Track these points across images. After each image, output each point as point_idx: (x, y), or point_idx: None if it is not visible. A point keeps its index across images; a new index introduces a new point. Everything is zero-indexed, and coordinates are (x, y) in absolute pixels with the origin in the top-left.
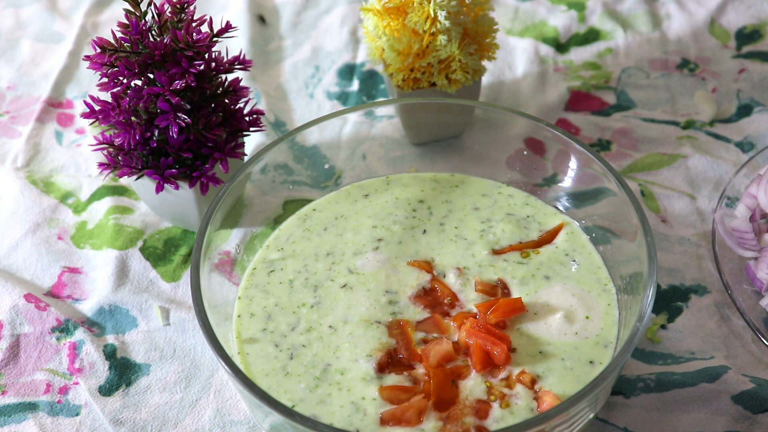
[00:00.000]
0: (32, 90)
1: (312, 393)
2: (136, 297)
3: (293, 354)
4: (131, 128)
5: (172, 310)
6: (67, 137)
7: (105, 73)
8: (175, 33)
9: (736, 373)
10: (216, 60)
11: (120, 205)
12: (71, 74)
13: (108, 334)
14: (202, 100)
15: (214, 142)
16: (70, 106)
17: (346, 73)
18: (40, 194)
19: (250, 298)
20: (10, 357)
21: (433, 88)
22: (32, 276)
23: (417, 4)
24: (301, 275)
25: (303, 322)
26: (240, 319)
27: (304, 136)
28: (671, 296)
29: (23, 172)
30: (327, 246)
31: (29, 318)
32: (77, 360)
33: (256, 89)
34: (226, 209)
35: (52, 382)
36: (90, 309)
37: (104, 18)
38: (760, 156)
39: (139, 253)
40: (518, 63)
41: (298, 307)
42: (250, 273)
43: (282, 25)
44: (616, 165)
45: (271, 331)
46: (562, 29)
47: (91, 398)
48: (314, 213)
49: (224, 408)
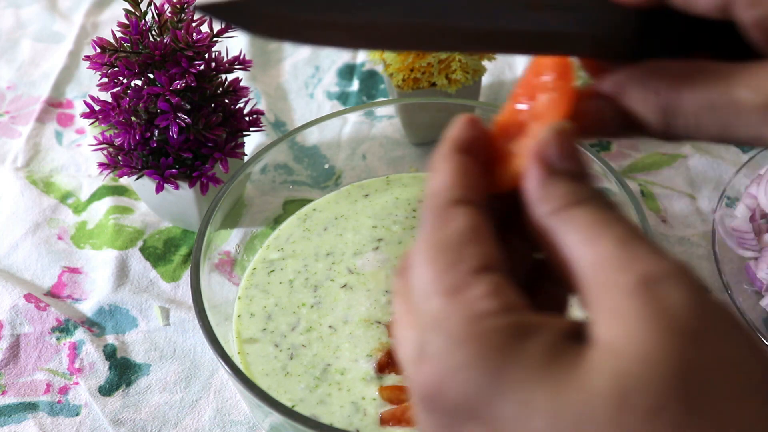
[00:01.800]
0: (32, 90)
1: (312, 393)
2: (136, 297)
3: (293, 354)
4: (131, 128)
5: (172, 310)
6: (67, 137)
7: (105, 73)
8: (175, 33)
9: None
10: (216, 60)
11: (120, 205)
12: (71, 74)
13: (108, 334)
14: (202, 100)
15: (214, 142)
16: (70, 106)
17: (346, 73)
18: (40, 194)
19: (250, 298)
20: (10, 357)
21: (433, 88)
22: (32, 276)
23: None
24: (301, 275)
25: (303, 322)
26: (240, 319)
27: (304, 136)
28: None
29: (23, 172)
30: (327, 246)
31: (29, 318)
32: (77, 360)
33: (256, 89)
34: (226, 209)
35: (52, 382)
36: (90, 309)
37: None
38: (760, 156)
39: (139, 253)
40: (518, 63)
41: (298, 307)
42: (250, 273)
43: None
44: (616, 165)
45: (271, 331)
46: None
47: (91, 398)
48: (314, 213)
49: (224, 408)
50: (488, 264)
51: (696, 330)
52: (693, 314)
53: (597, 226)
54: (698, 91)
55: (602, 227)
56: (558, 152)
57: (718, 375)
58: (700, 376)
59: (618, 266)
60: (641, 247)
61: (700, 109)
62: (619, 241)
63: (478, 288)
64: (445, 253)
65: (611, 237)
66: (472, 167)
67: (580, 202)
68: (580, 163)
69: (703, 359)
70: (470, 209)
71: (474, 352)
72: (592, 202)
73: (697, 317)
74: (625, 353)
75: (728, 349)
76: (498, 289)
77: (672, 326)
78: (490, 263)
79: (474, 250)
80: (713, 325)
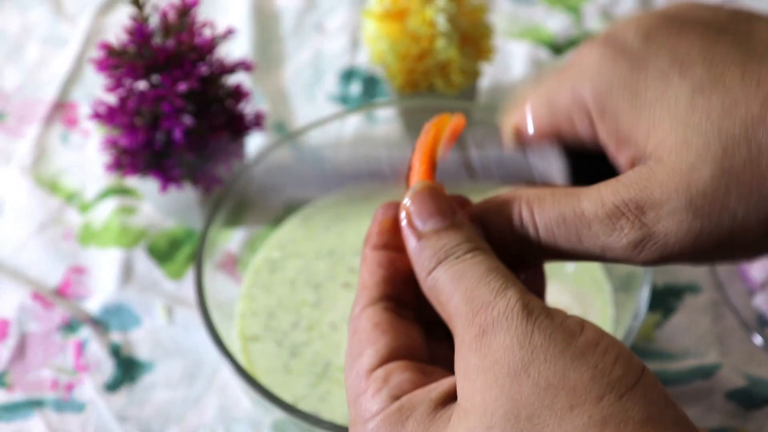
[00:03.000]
0: (38, 92)
1: (313, 390)
2: (140, 295)
3: (295, 352)
4: (136, 130)
5: (176, 308)
6: (73, 139)
7: (110, 76)
8: (178, 36)
9: (729, 370)
10: (219, 63)
11: (125, 205)
12: (77, 77)
13: (113, 331)
14: (205, 102)
15: (218, 144)
16: (75, 108)
17: (347, 77)
18: (46, 195)
19: (252, 296)
20: (17, 354)
21: (432, 92)
22: (39, 275)
23: (416, 9)
24: (303, 274)
25: (304, 321)
26: (243, 318)
27: (305, 138)
28: (666, 295)
29: (30, 173)
30: (328, 245)
31: (36, 316)
32: (83, 357)
33: (259, 92)
34: (228, 209)
35: (58, 379)
36: (95, 307)
37: (110, 21)
38: None
39: (144, 253)
40: (515, 66)
41: (300, 305)
42: (252, 272)
43: (284, 29)
44: None
45: (273, 330)
46: (559, 32)
47: (97, 395)
48: (315, 213)
49: (227, 404)
50: (381, 357)
51: (516, 369)
52: (512, 355)
53: (452, 284)
54: (552, 208)
55: (456, 283)
56: (419, 215)
57: (540, 401)
58: (526, 410)
59: (465, 323)
60: (483, 294)
61: (552, 222)
62: (466, 296)
63: (368, 390)
64: (351, 363)
65: (461, 293)
66: (383, 259)
67: (441, 260)
68: (446, 215)
69: (524, 392)
70: (373, 309)
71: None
72: (451, 256)
73: (516, 357)
74: (471, 410)
75: (549, 372)
76: (385, 382)
77: (497, 373)
78: (383, 355)
79: (369, 351)
80: (533, 356)
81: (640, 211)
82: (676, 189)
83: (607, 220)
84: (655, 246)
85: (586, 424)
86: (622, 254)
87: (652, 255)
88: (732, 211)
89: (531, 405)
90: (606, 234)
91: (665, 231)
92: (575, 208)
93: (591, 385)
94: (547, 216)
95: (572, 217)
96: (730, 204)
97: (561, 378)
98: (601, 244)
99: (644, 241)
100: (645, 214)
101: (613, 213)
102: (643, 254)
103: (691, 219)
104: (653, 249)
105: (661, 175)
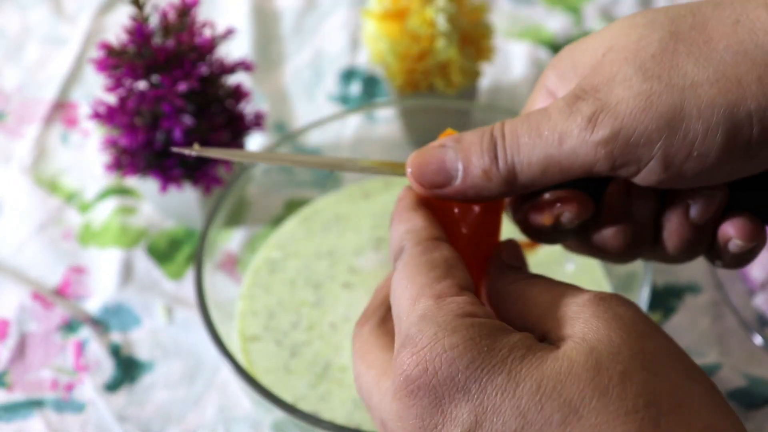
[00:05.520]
0: (38, 92)
1: (313, 390)
2: (140, 295)
3: (295, 352)
4: (136, 130)
5: (176, 308)
6: (73, 138)
7: (110, 76)
8: (178, 36)
9: (729, 370)
10: (219, 63)
11: (125, 205)
12: (77, 77)
13: (113, 331)
14: (205, 102)
15: (218, 144)
16: (75, 108)
17: (347, 77)
18: (46, 195)
19: (252, 296)
20: (17, 355)
21: (432, 92)
22: (39, 275)
23: (416, 9)
24: (303, 274)
25: (304, 321)
26: (242, 317)
27: (305, 138)
28: (666, 295)
29: (29, 173)
30: (328, 245)
31: (36, 316)
32: (83, 357)
33: (259, 92)
34: (228, 209)
35: (58, 379)
36: (95, 307)
37: (110, 21)
38: None
39: (144, 253)
40: (516, 66)
41: (300, 305)
42: (252, 272)
43: (284, 29)
44: None
45: (273, 330)
46: (559, 32)
47: (97, 395)
48: (315, 213)
49: (227, 404)
50: (469, 288)
51: (643, 330)
52: (638, 320)
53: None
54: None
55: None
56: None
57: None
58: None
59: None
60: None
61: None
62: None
63: (462, 298)
64: (434, 269)
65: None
66: (433, 217)
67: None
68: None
69: (651, 347)
70: (448, 245)
71: (465, 336)
72: None
73: (641, 322)
74: (592, 339)
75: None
76: (478, 304)
77: (624, 325)
78: (470, 288)
79: (458, 273)
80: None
81: (595, 90)
82: (626, 59)
83: (566, 107)
84: (607, 117)
85: None
86: (577, 136)
87: (604, 130)
88: (681, 69)
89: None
90: (563, 118)
91: (617, 99)
92: (540, 110)
93: None
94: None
95: (535, 114)
96: (679, 62)
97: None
98: (560, 132)
99: (596, 113)
100: (599, 90)
101: (571, 100)
102: (596, 129)
103: (641, 81)
104: (605, 121)
105: (611, 54)
